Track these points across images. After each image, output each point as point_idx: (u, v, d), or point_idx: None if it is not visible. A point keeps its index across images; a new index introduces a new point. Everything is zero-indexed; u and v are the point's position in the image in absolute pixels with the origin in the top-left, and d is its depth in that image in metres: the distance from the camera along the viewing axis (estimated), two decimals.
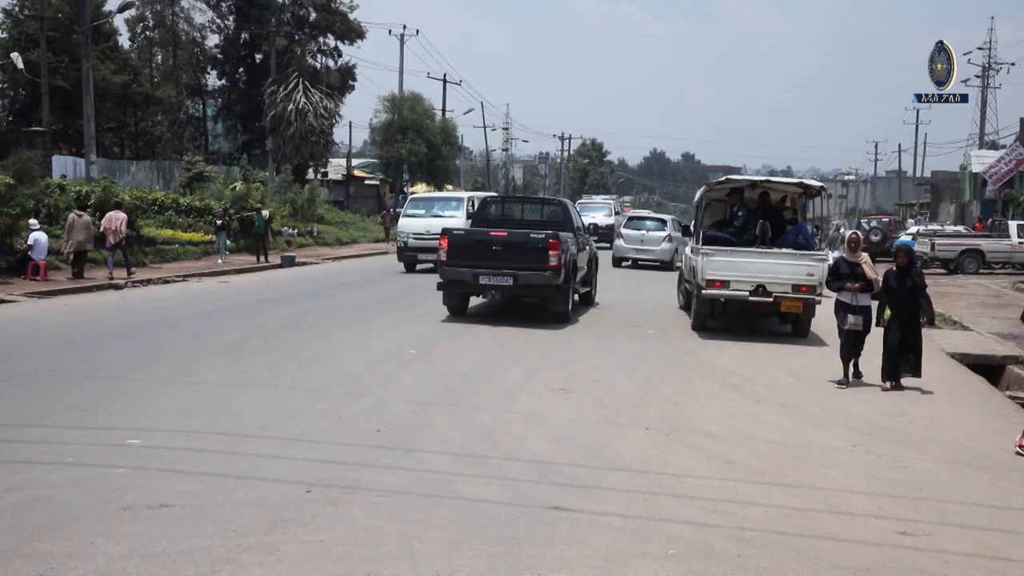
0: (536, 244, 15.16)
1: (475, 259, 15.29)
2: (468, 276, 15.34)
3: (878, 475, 7.42)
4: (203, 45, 57.29)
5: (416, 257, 25.45)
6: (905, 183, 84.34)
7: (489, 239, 15.51)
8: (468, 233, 16.38)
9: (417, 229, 25.16)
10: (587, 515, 6.14)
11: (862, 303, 11.11)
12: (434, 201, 27.36)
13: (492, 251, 15.32)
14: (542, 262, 15.06)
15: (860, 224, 43.16)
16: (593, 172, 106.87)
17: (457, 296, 16.04)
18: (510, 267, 15.17)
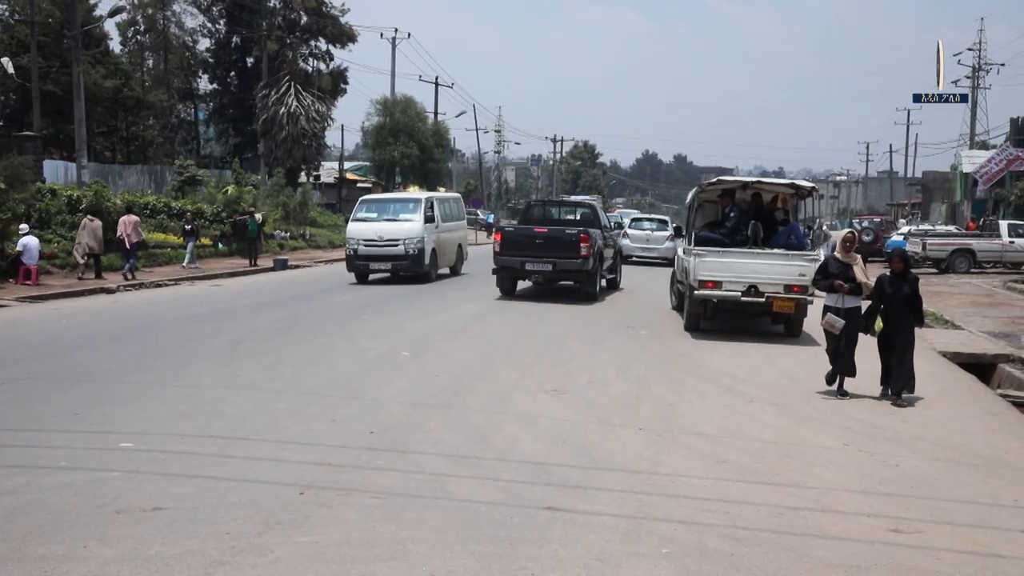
0: (570, 238, 18.90)
1: (522, 250, 19.20)
2: (517, 264, 19.30)
3: (870, 473, 7.45)
4: (194, 49, 57.23)
5: (368, 266, 22.96)
6: (896, 183, 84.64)
7: (533, 234, 19.33)
8: (517, 230, 20.20)
9: (368, 235, 22.84)
10: (580, 515, 6.15)
11: (849, 305, 10.41)
12: (388, 204, 24.62)
13: (536, 244, 19.10)
14: (575, 252, 18.82)
15: (852, 224, 43.31)
16: (586, 174, 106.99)
17: (508, 279, 19.94)
18: (550, 256, 18.97)
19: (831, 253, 11.14)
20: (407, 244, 22.55)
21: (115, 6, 33.64)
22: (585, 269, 19.02)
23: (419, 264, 22.78)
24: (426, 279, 22.99)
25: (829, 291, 10.49)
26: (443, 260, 24.45)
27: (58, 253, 23.20)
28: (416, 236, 22.70)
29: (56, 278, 21.92)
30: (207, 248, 29.86)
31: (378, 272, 23.14)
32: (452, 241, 25.36)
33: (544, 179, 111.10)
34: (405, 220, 22.95)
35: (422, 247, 22.75)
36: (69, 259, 23.01)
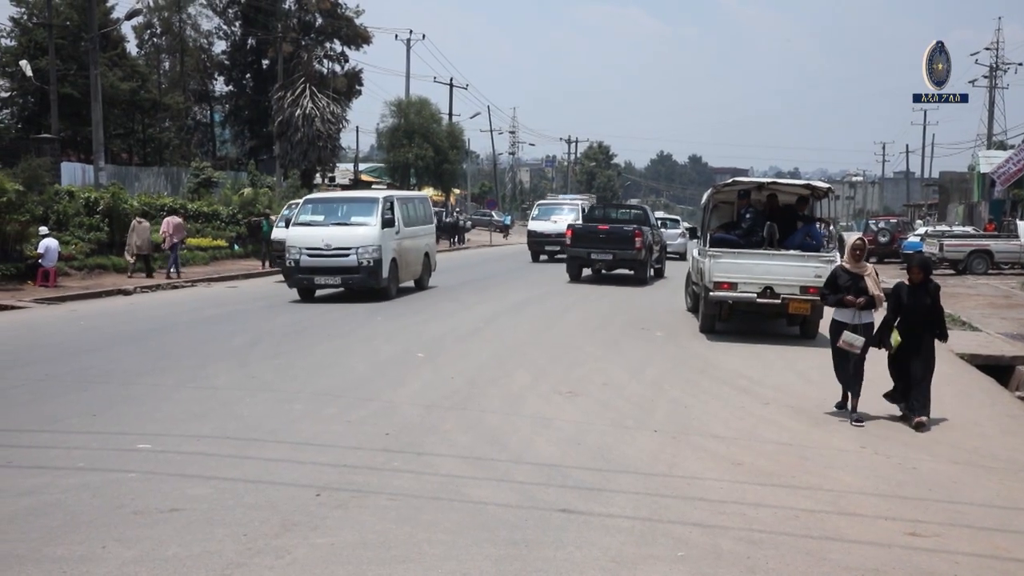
0: (628, 234, 23.69)
1: (588, 243, 24.03)
2: (584, 254, 24.14)
3: (887, 476, 7.41)
4: (210, 51, 57.48)
5: (312, 280, 18.96)
6: (913, 184, 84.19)
7: (597, 231, 24.19)
8: (584, 227, 24.92)
9: (312, 242, 18.84)
10: (595, 517, 6.15)
11: (864, 320, 9.42)
12: (337, 204, 20.43)
13: (600, 238, 23.90)
14: (631, 245, 23.54)
15: (868, 226, 43.06)
16: (600, 175, 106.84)
17: (576, 267, 24.63)
18: (611, 248, 23.78)
19: (840, 263, 10.19)
20: (361, 253, 18.73)
21: (132, 9, 33.87)
22: (639, 259, 23.82)
23: (375, 277, 18.91)
24: (385, 295, 19.21)
25: (839, 307, 9.53)
26: (406, 272, 20.68)
27: (76, 255, 23.37)
28: (371, 243, 18.84)
29: (74, 280, 22.07)
30: (223, 250, 29.98)
31: (326, 287, 19.36)
32: (417, 249, 21.51)
33: (559, 180, 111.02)
34: (361, 224, 19.16)
35: (379, 257, 18.88)
36: (87, 261, 23.30)
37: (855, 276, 9.51)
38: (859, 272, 9.53)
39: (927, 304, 9.18)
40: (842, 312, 9.50)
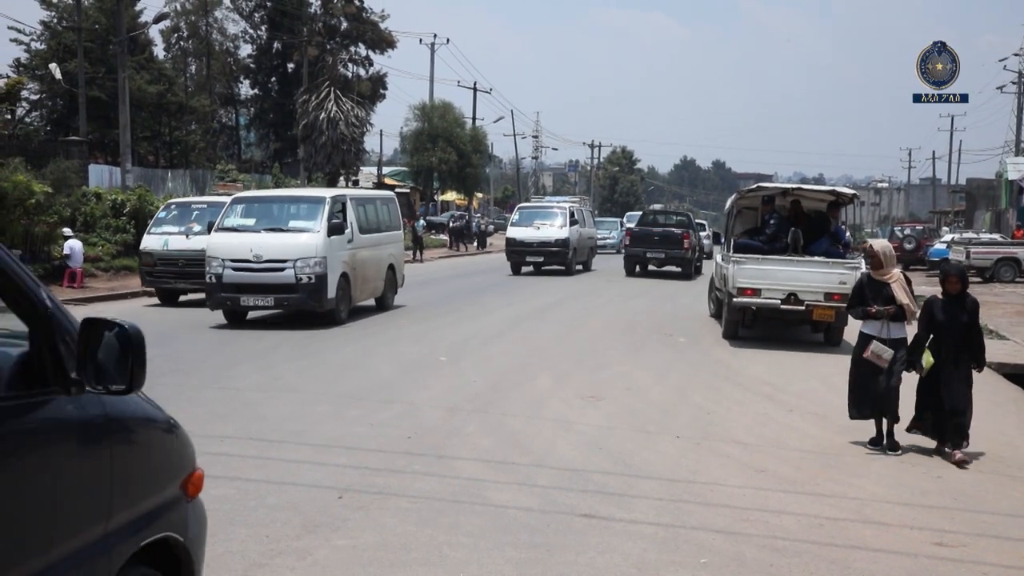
0: (677, 236, 28.17)
1: (644, 244, 28.18)
2: (640, 253, 28.16)
3: (912, 485, 7.34)
4: (236, 55, 57.89)
5: (239, 301, 15.17)
6: (939, 190, 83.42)
7: (652, 232, 28.62)
8: (641, 230, 29.08)
9: (238, 252, 15.06)
10: (617, 523, 6.13)
11: (895, 335, 8.29)
12: (274, 205, 16.63)
13: (654, 240, 28.20)
14: (680, 246, 28.02)
15: (893, 232, 42.70)
16: (623, 180, 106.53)
17: (632, 264, 28.56)
18: (663, 248, 28.07)
19: (864, 272, 9.32)
20: (299, 267, 14.88)
21: (160, 13, 34.25)
22: (686, 257, 28.33)
23: (317, 297, 15.10)
24: (331, 319, 15.53)
25: (867, 318, 8.44)
26: (361, 290, 16.71)
27: (102, 256, 23.59)
28: (314, 255, 15.02)
29: (100, 281, 22.28)
30: None
31: (256, 309, 15.48)
32: (378, 261, 17.48)
33: (582, 185, 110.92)
34: (298, 231, 15.41)
35: (323, 271, 15.04)
36: (113, 263, 23.52)
37: (879, 285, 8.43)
38: (883, 280, 8.46)
39: (963, 321, 8.00)
40: (870, 325, 8.41)
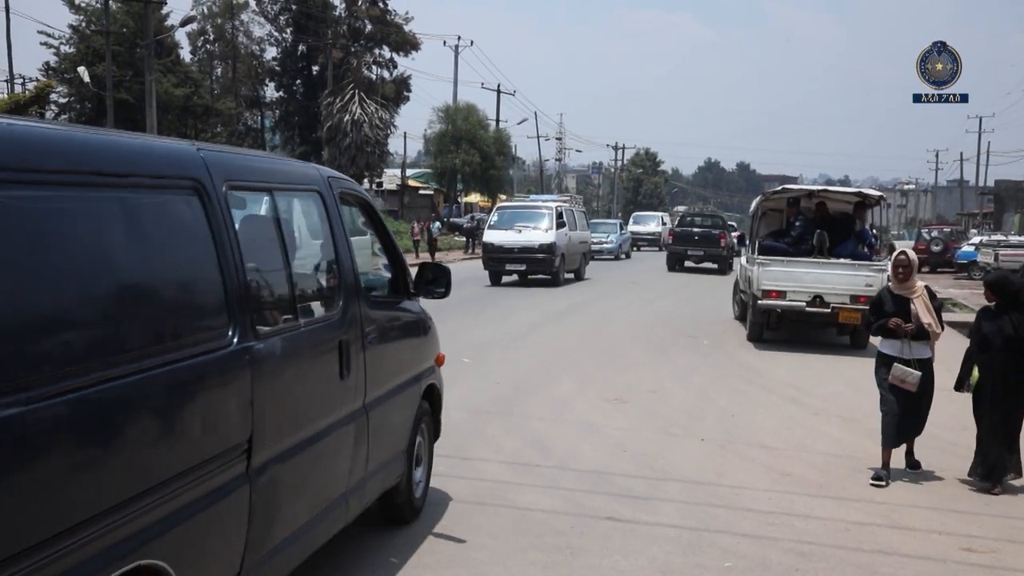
0: (715, 236, 31.76)
1: (685, 243, 31.77)
2: (682, 251, 31.84)
3: (940, 490, 7.26)
4: (261, 58, 58.27)
5: None
6: (967, 192, 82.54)
7: (692, 232, 32.13)
8: (682, 231, 32.49)
9: None
10: (642, 526, 6.10)
11: (917, 355, 7.46)
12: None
13: (694, 239, 31.75)
14: (717, 244, 31.50)
15: (920, 234, 42.28)
16: (647, 182, 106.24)
17: (674, 261, 31.92)
18: (702, 247, 31.54)
19: (886, 283, 8.24)
20: None
21: (186, 16, 34.49)
22: (722, 255, 31.23)
23: None
24: None
25: (885, 335, 7.59)
26: None
27: None
28: None
29: None
30: None
31: None
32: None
33: (605, 187, 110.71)
34: None
35: None
36: None
37: (901, 300, 7.55)
38: (906, 294, 7.58)
39: (1009, 335, 7.13)
40: (888, 343, 7.56)
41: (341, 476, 4.72)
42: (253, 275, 3.85)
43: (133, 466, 2.96)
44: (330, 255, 4.89)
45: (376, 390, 5.08)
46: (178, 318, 3.35)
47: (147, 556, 2.99)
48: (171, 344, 3.23)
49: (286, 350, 4.00)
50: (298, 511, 4.19)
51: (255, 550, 3.72)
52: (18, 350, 2.52)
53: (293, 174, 4.79)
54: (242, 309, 3.66)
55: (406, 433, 5.73)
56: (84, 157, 3.02)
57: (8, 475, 2.44)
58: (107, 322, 2.94)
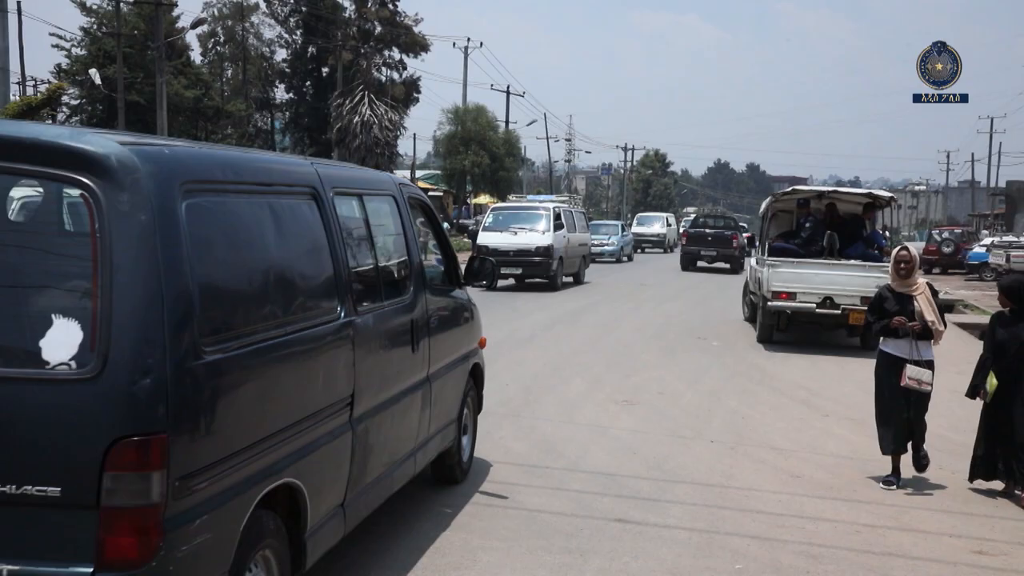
0: (727, 237, 33.02)
1: (698, 244, 33.01)
2: (695, 251, 32.88)
3: (952, 492, 7.23)
4: (271, 59, 58.45)
5: None
6: (978, 193, 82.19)
7: (705, 234, 33.43)
8: (696, 231, 33.80)
9: None
10: (652, 528, 6.10)
11: (926, 355, 7.24)
12: None
13: (707, 240, 33.02)
14: (729, 245, 32.67)
15: (931, 235, 42.10)
16: (656, 183, 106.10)
17: (689, 260, 32.91)
18: (715, 247, 32.83)
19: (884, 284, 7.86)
20: None
21: (197, 18, 34.60)
22: (734, 255, 32.38)
23: None
24: None
25: (888, 335, 7.33)
26: None
27: None
28: None
29: None
30: None
31: None
32: None
33: (615, 188, 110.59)
34: None
35: None
36: None
37: (903, 298, 7.29)
38: (907, 292, 7.31)
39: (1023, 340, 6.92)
40: (893, 343, 7.28)
41: (411, 434, 5.67)
42: (353, 263, 4.79)
43: (284, 403, 3.91)
44: (402, 249, 5.77)
45: (436, 364, 6.06)
46: (307, 294, 4.30)
47: (290, 476, 3.93)
48: (304, 314, 4.17)
49: (376, 325, 4.97)
50: (382, 458, 5.16)
51: (354, 485, 4.71)
52: (218, 315, 3.48)
53: (375, 181, 5.83)
54: (347, 290, 4.61)
55: (457, 403, 6.70)
56: (246, 172, 4.05)
57: (214, 399, 3.38)
58: (266, 294, 3.93)
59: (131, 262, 3.11)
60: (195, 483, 3.27)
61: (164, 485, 3.10)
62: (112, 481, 3.04)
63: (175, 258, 3.24)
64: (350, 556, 5.39)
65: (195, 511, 3.27)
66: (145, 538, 3.07)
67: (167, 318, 3.16)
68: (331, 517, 4.49)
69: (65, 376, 3.06)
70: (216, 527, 3.39)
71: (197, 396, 3.29)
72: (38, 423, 3.06)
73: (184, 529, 3.21)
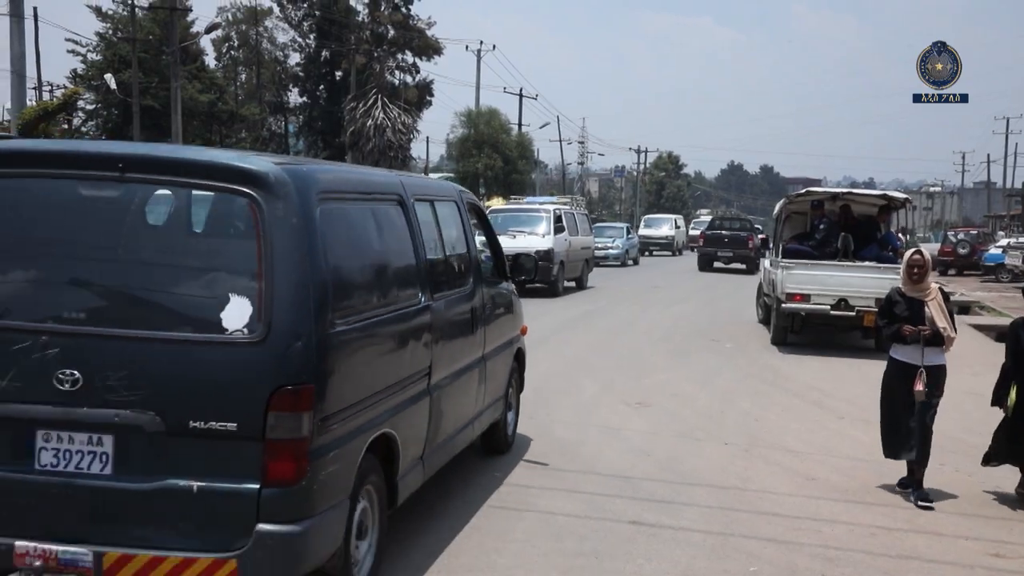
0: (743, 238, 34.07)
1: (715, 244, 34.32)
2: (712, 252, 34.02)
3: (968, 495, 7.19)
4: (285, 63, 58.65)
5: None
6: (994, 194, 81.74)
7: (722, 235, 34.84)
8: (713, 233, 35.10)
9: None
10: (666, 530, 6.09)
11: (935, 362, 6.97)
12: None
13: (724, 241, 34.36)
14: (744, 246, 33.55)
15: (947, 237, 41.88)
16: (670, 185, 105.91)
17: (706, 261, 33.95)
18: (731, 248, 34.01)
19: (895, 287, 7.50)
20: None
21: (211, 23, 34.80)
22: (750, 256, 32.78)
23: None
24: None
25: (897, 341, 7.09)
26: None
27: None
28: None
29: None
30: None
31: None
32: None
33: (628, 190, 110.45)
34: None
35: None
36: None
37: (915, 302, 7.04)
38: (919, 296, 7.05)
39: None
40: (902, 349, 7.05)
41: (470, 405, 6.60)
42: (429, 257, 5.71)
43: (384, 368, 4.90)
44: (463, 246, 6.73)
45: (490, 346, 7.00)
46: (399, 282, 5.29)
47: (388, 427, 4.88)
48: (396, 298, 5.16)
49: (446, 310, 5.91)
50: (450, 423, 6.06)
51: (430, 443, 5.66)
52: (342, 296, 4.41)
53: (442, 188, 7.00)
54: (426, 279, 5.56)
55: (504, 382, 7.67)
56: (356, 184, 5.16)
57: (342, 361, 4.32)
58: (372, 281, 4.97)
59: (286, 254, 4.06)
60: (330, 424, 4.21)
61: (310, 423, 4.05)
62: (274, 419, 3.97)
63: (316, 251, 4.18)
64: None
65: (329, 446, 4.21)
66: (297, 463, 4.01)
67: (312, 296, 4.10)
68: (414, 467, 5.43)
69: (240, 340, 4.01)
70: (342, 461, 4.36)
71: (332, 357, 4.22)
72: (220, 375, 4.02)
73: (323, 459, 4.15)
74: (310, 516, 4.08)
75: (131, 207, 4.40)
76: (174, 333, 4.09)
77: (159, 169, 4.32)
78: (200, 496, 3.97)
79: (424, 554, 5.51)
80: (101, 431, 4.03)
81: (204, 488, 3.97)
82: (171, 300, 4.27)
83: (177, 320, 4.17)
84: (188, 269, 4.34)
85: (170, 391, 4.02)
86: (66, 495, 4.04)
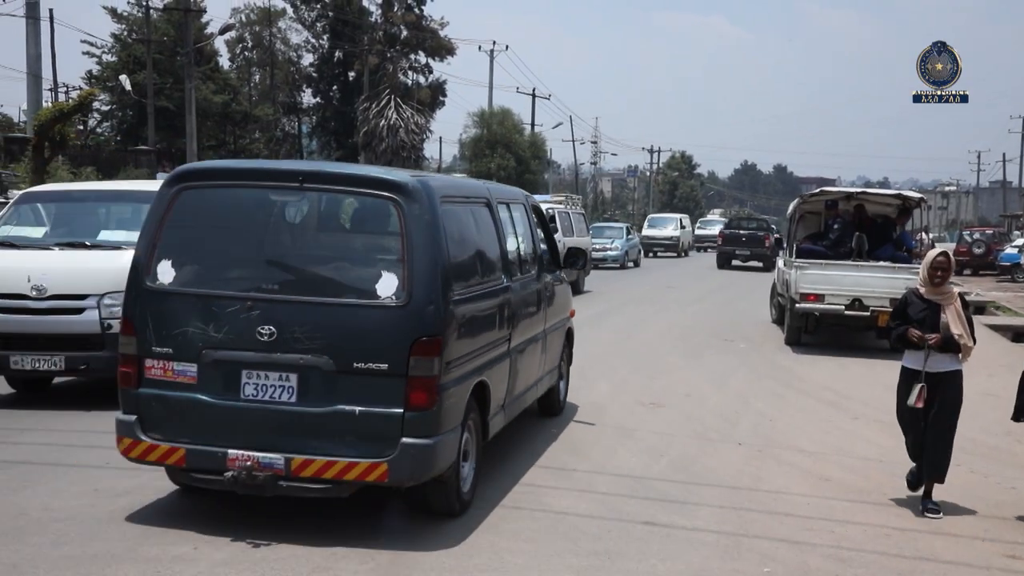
0: (760, 237, 35.29)
1: (733, 243, 35.85)
2: (730, 251, 35.69)
3: (983, 496, 7.16)
4: (299, 64, 58.75)
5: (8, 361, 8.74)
6: (1010, 194, 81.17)
7: (739, 234, 36.35)
8: (731, 232, 36.85)
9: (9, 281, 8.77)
10: (679, 530, 6.08)
11: (941, 367, 6.66)
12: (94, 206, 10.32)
13: (741, 240, 35.78)
14: (762, 244, 34.61)
15: (962, 236, 41.63)
16: (683, 185, 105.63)
17: (724, 259, 35.52)
18: (748, 247, 35.29)
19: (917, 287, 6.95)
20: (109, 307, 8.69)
21: (225, 24, 34.90)
22: (767, 254, 33.53)
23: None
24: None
25: (903, 343, 6.81)
26: None
27: None
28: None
29: None
30: None
31: (37, 374, 9.12)
32: None
33: (641, 190, 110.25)
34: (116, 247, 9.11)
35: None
36: None
37: (932, 305, 6.68)
38: (938, 300, 6.68)
39: None
40: (911, 355, 6.77)
41: (535, 369, 8.02)
42: (508, 248, 7.25)
43: (482, 330, 6.32)
44: (530, 240, 8.22)
45: (549, 323, 8.42)
46: (488, 266, 6.71)
47: (485, 376, 6.35)
48: (488, 279, 6.60)
49: (520, 290, 7.37)
50: (521, 382, 7.48)
51: (509, 395, 7.13)
52: (456, 274, 5.83)
53: (514, 193, 8.58)
54: (506, 265, 7.09)
55: (558, 355, 9.10)
56: (461, 189, 6.81)
57: (458, 321, 5.78)
58: (474, 264, 6.39)
59: (422, 243, 5.53)
60: (450, 368, 5.64)
61: (439, 366, 5.49)
62: (414, 362, 5.41)
63: (441, 240, 5.63)
64: (376, 561, 5.42)
65: (450, 384, 5.65)
66: (430, 394, 5.46)
67: (440, 273, 5.55)
68: (498, 412, 6.87)
69: (389, 304, 5.48)
70: (458, 396, 5.81)
71: (452, 318, 5.65)
72: (375, 329, 5.49)
73: (446, 393, 5.60)
74: (438, 434, 5.52)
75: (309, 208, 6.05)
76: (342, 299, 5.59)
77: (329, 181, 5.91)
78: (360, 417, 5.42)
79: (436, 553, 5.52)
80: (289, 370, 5.51)
81: (363, 412, 5.42)
82: (339, 275, 5.77)
83: (344, 290, 5.66)
84: (352, 252, 6.05)
85: (339, 341, 5.46)
86: (263, 417, 5.52)
